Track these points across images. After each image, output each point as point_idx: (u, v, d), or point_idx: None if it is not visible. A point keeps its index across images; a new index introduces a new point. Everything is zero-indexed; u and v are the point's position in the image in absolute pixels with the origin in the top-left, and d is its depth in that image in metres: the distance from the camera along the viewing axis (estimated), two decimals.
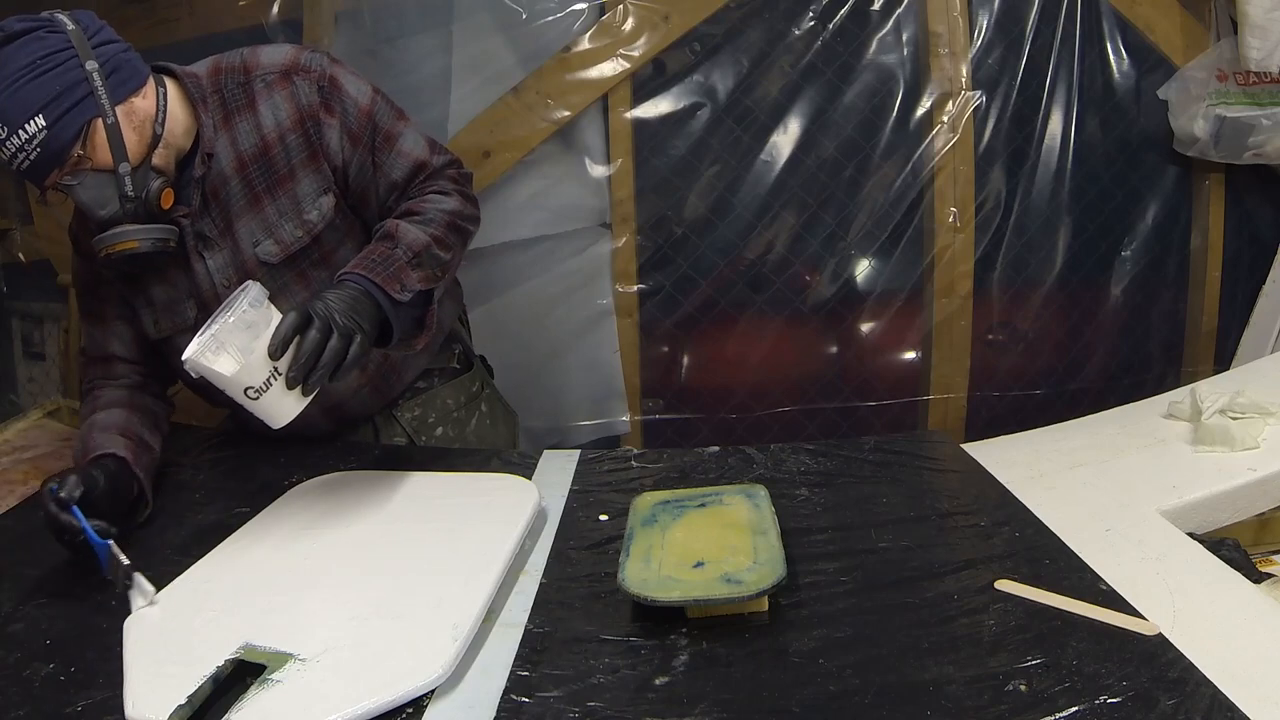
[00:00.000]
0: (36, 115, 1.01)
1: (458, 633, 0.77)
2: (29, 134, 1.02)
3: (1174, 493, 1.06)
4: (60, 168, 1.05)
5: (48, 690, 0.74)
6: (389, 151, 1.23)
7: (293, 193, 1.20)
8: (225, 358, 0.92)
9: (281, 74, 1.19)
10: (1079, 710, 0.65)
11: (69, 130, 1.04)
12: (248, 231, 1.20)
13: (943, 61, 2.00)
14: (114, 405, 1.21)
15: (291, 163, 1.19)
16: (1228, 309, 2.20)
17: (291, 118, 1.19)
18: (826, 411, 2.13)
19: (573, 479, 1.16)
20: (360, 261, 1.10)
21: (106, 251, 1.09)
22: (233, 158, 1.18)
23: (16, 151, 1.03)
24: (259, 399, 0.94)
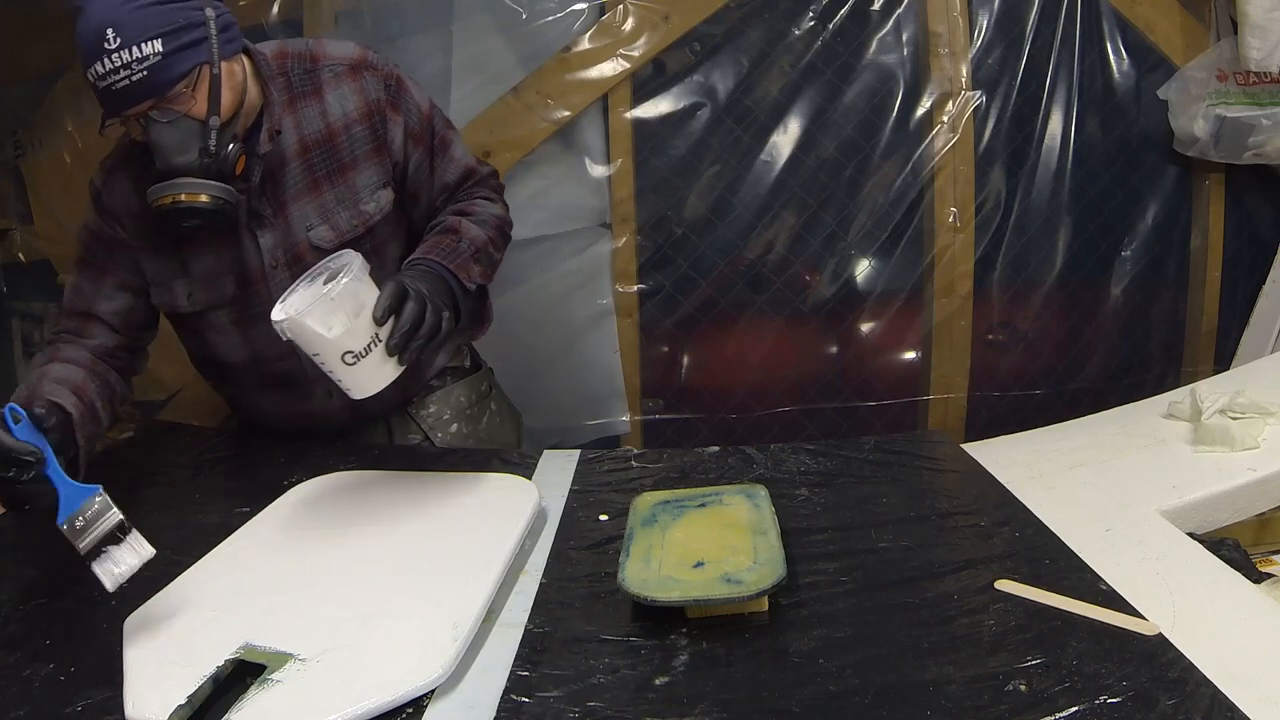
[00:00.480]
0: (155, 39, 1.00)
1: (458, 633, 0.77)
2: (141, 54, 1.00)
3: (1174, 493, 1.06)
4: (158, 100, 1.03)
5: (48, 690, 0.74)
6: (444, 155, 1.30)
7: (352, 182, 1.23)
8: (332, 320, 0.94)
9: (350, 67, 1.22)
10: (1079, 710, 0.65)
11: (181, 65, 1.03)
12: (302, 214, 1.21)
13: (943, 61, 2.00)
14: (73, 363, 1.14)
15: (355, 153, 1.22)
16: (1228, 309, 2.20)
17: (359, 110, 1.21)
18: (826, 411, 2.13)
19: (573, 479, 1.16)
20: (432, 249, 1.17)
21: (172, 200, 1.05)
22: (295, 140, 1.19)
23: (121, 67, 1.00)
24: (355, 364, 0.96)
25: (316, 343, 0.94)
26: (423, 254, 1.17)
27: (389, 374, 0.99)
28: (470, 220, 1.26)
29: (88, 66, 1.01)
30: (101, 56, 1.00)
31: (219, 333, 1.26)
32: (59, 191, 2.24)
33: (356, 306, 0.95)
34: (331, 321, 0.94)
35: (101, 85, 1.02)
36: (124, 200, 1.20)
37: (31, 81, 2.23)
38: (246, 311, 1.24)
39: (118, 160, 1.22)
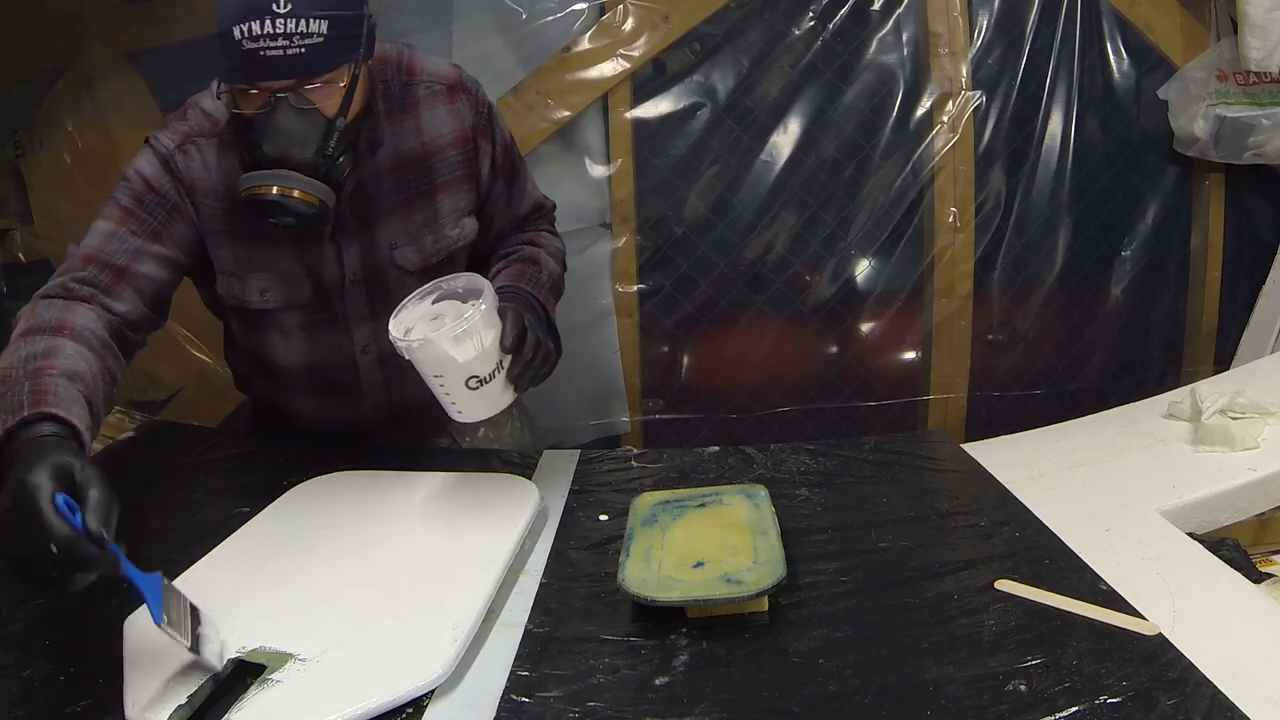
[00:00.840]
0: (324, 20, 0.95)
1: (458, 633, 0.77)
2: (307, 30, 0.94)
3: (1174, 493, 1.06)
4: (302, 82, 0.97)
5: (48, 690, 0.74)
6: (519, 188, 1.29)
7: (440, 206, 1.20)
8: (465, 345, 0.95)
9: (449, 88, 1.17)
10: (1079, 710, 0.65)
11: (337, 56, 0.98)
12: (388, 231, 1.17)
13: (943, 61, 2.00)
14: (87, 345, 0.95)
15: (446, 177, 1.19)
16: (1228, 309, 2.20)
17: (455, 133, 1.18)
18: (826, 411, 2.13)
19: (573, 479, 1.16)
20: (519, 278, 1.16)
21: (280, 193, 0.99)
22: (391, 155, 1.15)
23: (281, 35, 0.93)
24: (478, 389, 0.97)
25: (445, 365, 0.95)
26: (511, 281, 1.15)
27: (503, 402, 1.00)
28: (544, 252, 1.26)
29: (240, 21, 0.93)
30: (263, 16, 0.92)
31: (282, 334, 1.21)
32: (59, 191, 2.24)
33: (487, 333, 0.96)
34: (465, 346, 0.94)
35: (248, 46, 0.93)
36: (203, 175, 1.10)
37: (31, 81, 2.23)
38: (315, 317, 1.20)
39: (195, 128, 1.11)
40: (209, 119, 1.11)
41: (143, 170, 1.09)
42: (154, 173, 1.09)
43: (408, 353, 0.95)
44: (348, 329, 1.21)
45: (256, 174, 1.00)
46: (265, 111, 0.98)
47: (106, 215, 1.09)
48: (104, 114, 2.14)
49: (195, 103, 1.13)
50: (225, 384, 2.16)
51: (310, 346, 1.22)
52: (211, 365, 2.13)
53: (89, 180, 2.19)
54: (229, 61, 0.97)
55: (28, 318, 0.97)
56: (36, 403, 0.80)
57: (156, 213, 1.08)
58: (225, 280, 1.16)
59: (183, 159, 1.09)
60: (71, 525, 0.67)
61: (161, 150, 1.10)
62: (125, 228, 1.07)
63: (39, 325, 0.95)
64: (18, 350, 0.90)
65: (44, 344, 0.91)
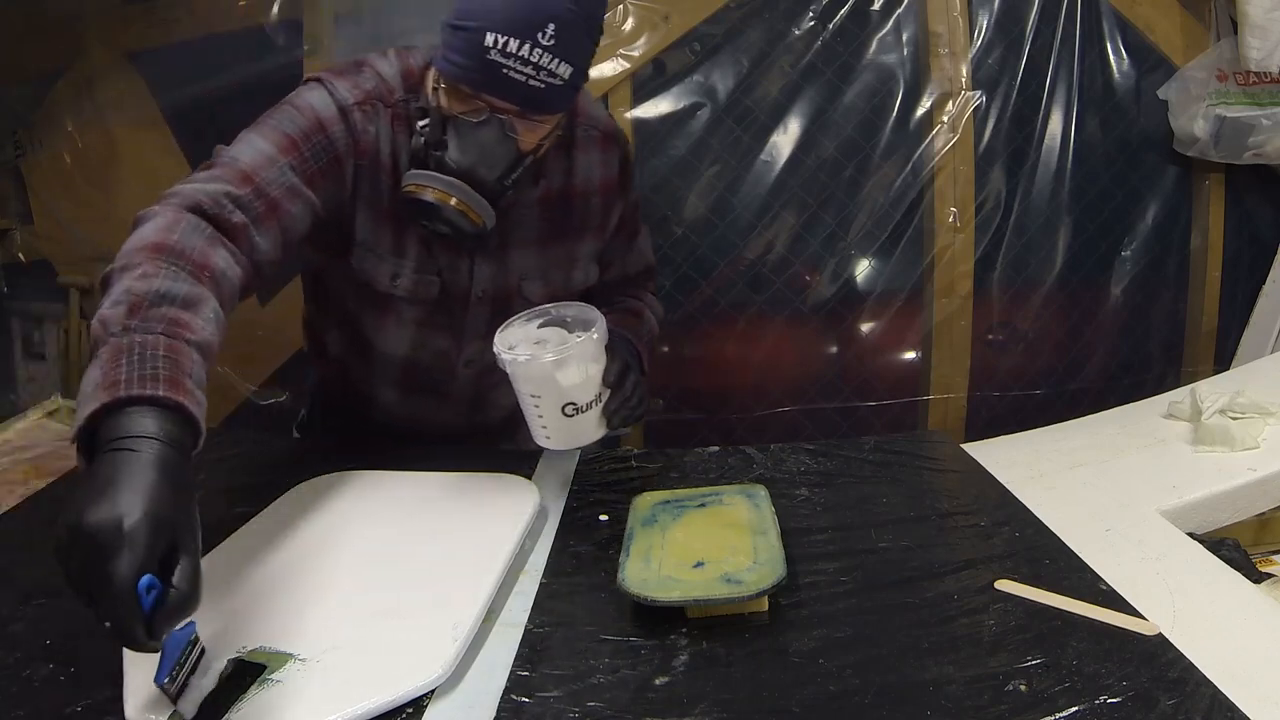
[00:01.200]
0: (571, 67, 0.95)
1: (458, 633, 0.77)
2: (555, 70, 0.93)
3: (1174, 493, 1.06)
4: (527, 113, 0.97)
5: (48, 690, 0.73)
6: (636, 247, 1.30)
7: (574, 249, 1.19)
8: (571, 370, 0.95)
9: (605, 135, 1.17)
10: (1079, 710, 0.65)
11: (564, 102, 0.99)
12: (521, 262, 1.16)
13: (943, 61, 2.00)
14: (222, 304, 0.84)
15: (586, 223, 1.19)
16: (1228, 309, 2.20)
17: (602, 182, 1.18)
18: (826, 411, 2.13)
19: (573, 479, 1.16)
20: (621, 324, 1.16)
21: (456, 204, 0.98)
22: (542, 189, 1.14)
23: (531, 65, 0.92)
24: (573, 417, 0.97)
25: (547, 387, 0.95)
26: (615, 325, 1.13)
27: (593, 434, 1.00)
28: (648, 310, 1.28)
29: (500, 31, 0.91)
30: (525, 40, 0.91)
31: (397, 323, 1.18)
32: (59, 191, 2.24)
33: (592, 364, 0.97)
34: (571, 372, 0.95)
35: (495, 58, 0.92)
36: (372, 142, 1.05)
37: (31, 81, 2.23)
38: (434, 318, 1.18)
39: (374, 92, 1.05)
40: (385, 85, 1.06)
41: (317, 107, 1.02)
42: (328, 116, 1.02)
43: (511, 367, 0.95)
44: (459, 340, 1.21)
45: (430, 175, 0.98)
46: (474, 121, 0.97)
47: (265, 135, 0.98)
48: (104, 114, 2.15)
49: (369, 63, 1.07)
50: (225, 384, 2.17)
51: (418, 343, 1.21)
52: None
53: (89, 180, 2.19)
54: (462, 60, 0.94)
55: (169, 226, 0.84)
56: (173, 384, 0.69)
57: (320, 156, 1.01)
58: (361, 253, 1.11)
59: (361, 118, 1.03)
60: (140, 609, 0.59)
61: (341, 100, 1.03)
62: (287, 158, 0.98)
63: (183, 250, 0.82)
64: (155, 276, 0.78)
65: (188, 288, 0.79)
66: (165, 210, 0.87)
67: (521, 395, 0.98)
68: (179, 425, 0.68)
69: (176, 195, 0.89)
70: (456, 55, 0.94)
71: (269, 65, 2.02)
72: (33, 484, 1.32)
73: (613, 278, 1.30)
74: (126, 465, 0.63)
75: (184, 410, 0.69)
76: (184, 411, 0.69)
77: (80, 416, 0.67)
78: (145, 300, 0.75)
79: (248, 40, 2.03)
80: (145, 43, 2.11)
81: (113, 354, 0.70)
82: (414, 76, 1.07)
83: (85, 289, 2.29)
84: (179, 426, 0.68)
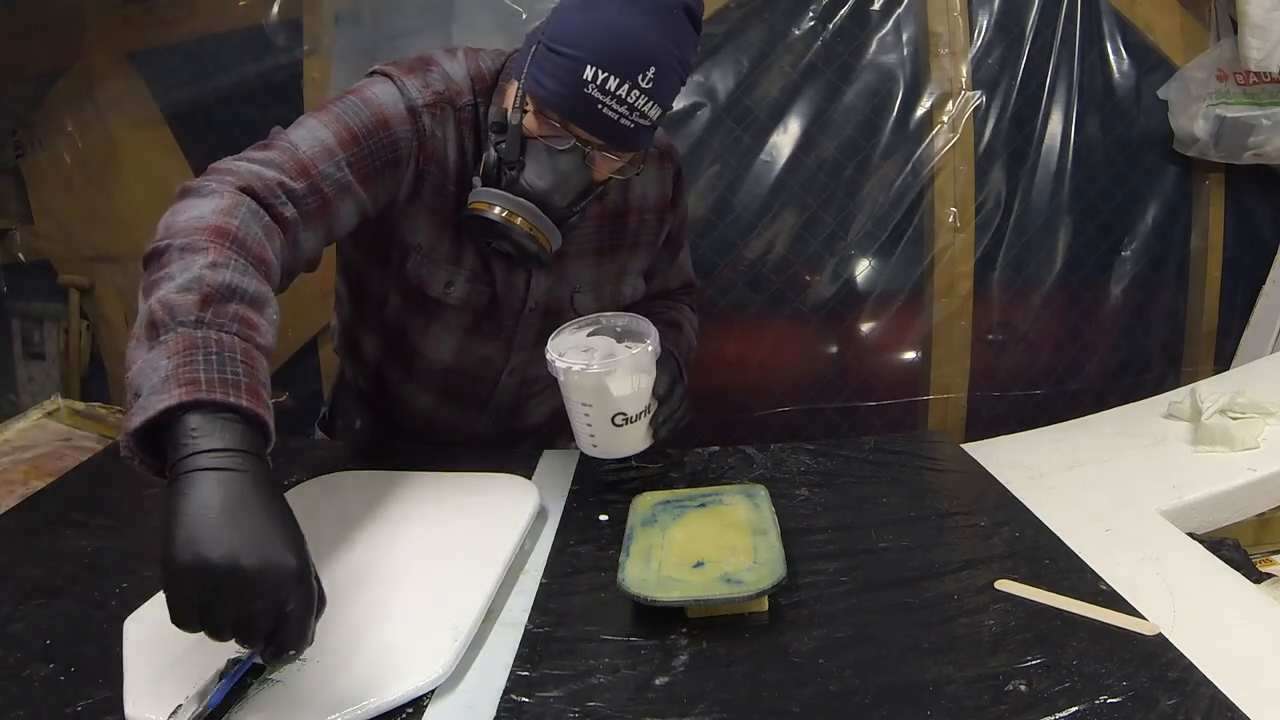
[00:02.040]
0: (661, 110, 0.95)
1: (458, 633, 0.77)
2: (646, 112, 0.93)
3: (1174, 493, 1.06)
4: (609, 149, 0.97)
5: (48, 690, 0.74)
6: (678, 262, 1.30)
7: (626, 264, 1.20)
8: (624, 381, 0.96)
9: (660, 152, 1.17)
10: (1079, 710, 0.65)
11: (646, 141, 0.99)
12: (575, 276, 1.16)
13: (943, 61, 2.00)
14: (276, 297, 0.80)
15: (638, 239, 1.19)
16: (1228, 309, 2.20)
17: (656, 199, 1.18)
18: (826, 411, 2.13)
19: (573, 479, 1.16)
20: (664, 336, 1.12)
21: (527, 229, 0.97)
22: (598, 204, 1.14)
23: (627, 105, 0.92)
24: (622, 427, 0.99)
25: (600, 396, 0.96)
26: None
27: (638, 445, 1.02)
28: (687, 323, 1.29)
29: (602, 67, 0.90)
30: (625, 80, 0.91)
31: (444, 328, 1.16)
32: (59, 191, 2.24)
33: (644, 376, 0.98)
34: (624, 383, 0.96)
35: (591, 92, 0.91)
36: (440, 145, 1.02)
37: (31, 81, 2.23)
38: (483, 327, 1.17)
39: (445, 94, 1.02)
40: (454, 87, 1.03)
41: (383, 103, 0.98)
42: (395, 113, 0.98)
43: (565, 375, 0.95)
44: (507, 349, 1.20)
45: (506, 196, 0.97)
46: (558, 149, 0.96)
47: (329, 125, 0.94)
48: (104, 114, 2.15)
49: (437, 61, 1.04)
50: None
51: (463, 350, 1.19)
52: None
53: (89, 180, 2.19)
54: (556, 86, 0.93)
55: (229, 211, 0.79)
56: (254, 395, 0.67)
57: (379, 155, 0.97)
58: (418, 259, 1.08)
59: (430, 120, 1.00)
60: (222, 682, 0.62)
61: (411, 99, 0.99)
62: (346, 152, 0.94)
63: (248, 239, 0.78)
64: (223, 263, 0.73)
65: (254, 285, 0.75)
66: (222, 189, 0.81)
67: (572, 404, 0.99)
68: (263, 440, 0.66)
69: (231, 174, 0.84)
70: (551, 80, 0.93)
71: (269, 65, 2.01)
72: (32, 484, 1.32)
73: (653, 291, 1.31)
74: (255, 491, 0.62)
75: (264, 425, 0.67)
76: (263, 426, 0.67)
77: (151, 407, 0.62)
78: (218, 293, 0.71)
79: (248, 40, 2.03)
80: (145, 43, 2.11)
81: (186, 346, 0.66)
82: (484, 80, 1.05)
83: (85, 289, 2.29)
84: (263, 441, 0.66)
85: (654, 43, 0.91)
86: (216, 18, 2.05)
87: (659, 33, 0.91)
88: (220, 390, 0.64)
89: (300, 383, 2.15)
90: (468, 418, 1.29)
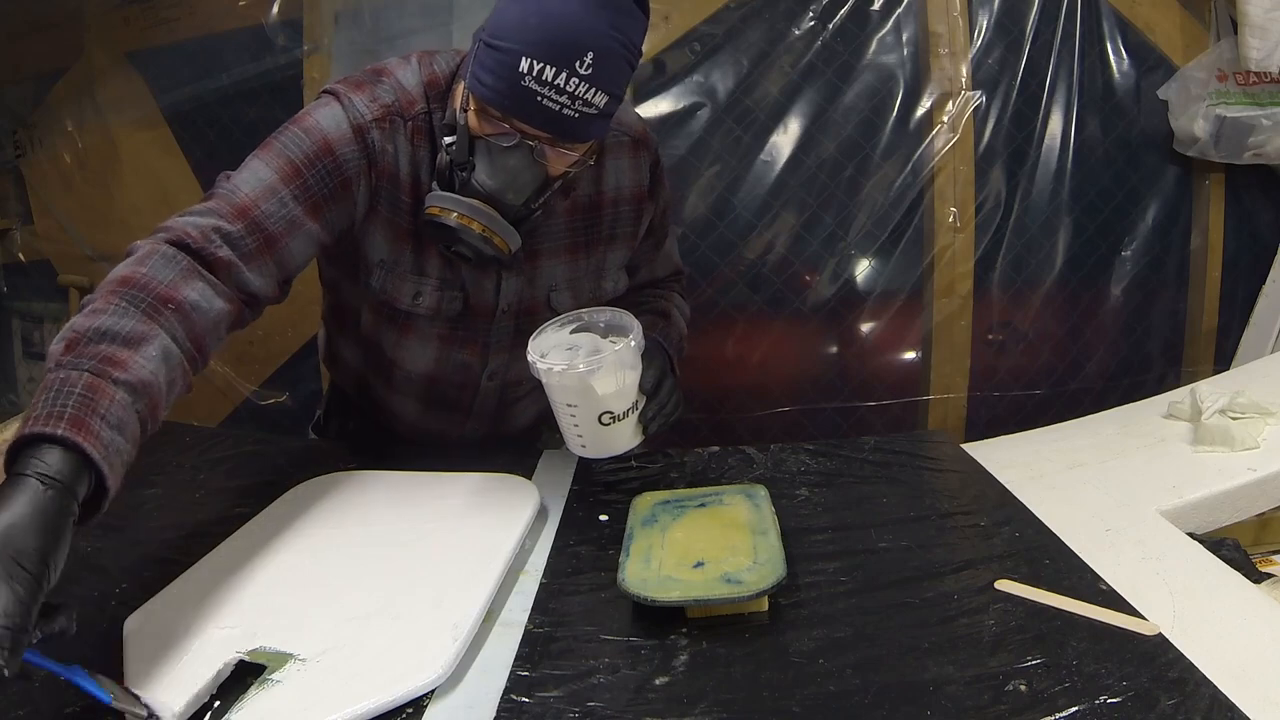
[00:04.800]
0: (608, 97, 0.92)
1: (458, 633, 0.77)
2: (590, 100, 0.91)
3: (1174, 493, 1.06)
4: (558, 141, 0.95)
5: (48, 690, 0.74)
6: (664, 251, 1.29)
7: (604, 258, 1.18)
8: (608, 379, 0.94)
9: (635, 141, 1.15)
10: (1079, 710, 0.65)
11: (598, 131, 0.96)
12: (549, 273, 1.14)
13: (943, 61, 2.00)
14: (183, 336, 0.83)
15: (614, 231, 1.17)
16: (1228, 309, 2.20)
17: (631, 190, 1.16)
18: (826, 411, 2.13)
19: (573, 479, 1.16)
20: (650, 327, 1.12)
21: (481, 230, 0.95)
22: (568, 198, 1.12)
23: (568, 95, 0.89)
24: (610, 425, 0.97)
25: (584, 396, 0.94)
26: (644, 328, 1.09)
27: (628, 442, 1.00)
28: (675, 310, 1.27)
29: (536, 58, 0.88)
30: (563, 70, 0.88)
31: (419, 339, 1.16)
32: (59, 191, 2.24)
33: (629, 372, 0.96)
34: (607, 381, 0.94)
35: (529, 84, 0.89)
36: (392, 159, 1.02)
37: (31, 81, 2.23)
38: (457, 333, 1.16)
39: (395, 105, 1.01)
40: (406, 96, 1.02)
41: (326, 127, 0.98)
42: (339, 136, 0.98)
43: (546, 377, 0.94)
44: (483, 354, 1.19)
45: (459, 200, 0.96)
46: (504, 145, 0.94)
47: (269, 162, 0.96)
48: (104, 114, 2.15)
49: (390, 71, 1.04)
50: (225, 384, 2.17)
51: (440, 359, 1.19)
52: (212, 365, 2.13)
53: (89, 180, 2.19)
54: (495, 83, 0.91)
55: (138, 260, 0.84)
56: (76, 423, 0.69)
57: (326, 182, 0.98)
58: (381, 275, 1.09)
59: (379, 135, 1.00)
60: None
61: (357, 117, 0.99)
62: (288, 188, 0.95)
63: (149, 283, 0.82)
64: (103, 311, 0.78)
65: (131, 325, 0.79)
66: (147, 243, 0.87)
67: (557, 405, 0.98)
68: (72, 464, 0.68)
69: (165, 229, 0.89)
70: (489, 76, 0.92)
71: (269, 65, 2.01)
72: None
73: (640, 282, 1.29)
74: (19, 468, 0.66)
75: (79, 449, 0.68)
76: (79, 450, 0.68)
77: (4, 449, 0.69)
78: (83, 337, 0.76)
79: (248, 40, 2.03)
80: (145, 43, 2.11)
81: (42, 390, 0.72)
82: (439, 85, 1.04)
83: (85, 289, 2.29)
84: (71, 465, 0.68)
85: (590, 28, 0.88)
86: (216, 18, 2.05)
87: (595, 17, 0.89)
88: (41, 424, 0.69)
89: (300, 383, 2.15)
90: (453, 424, 1.29)
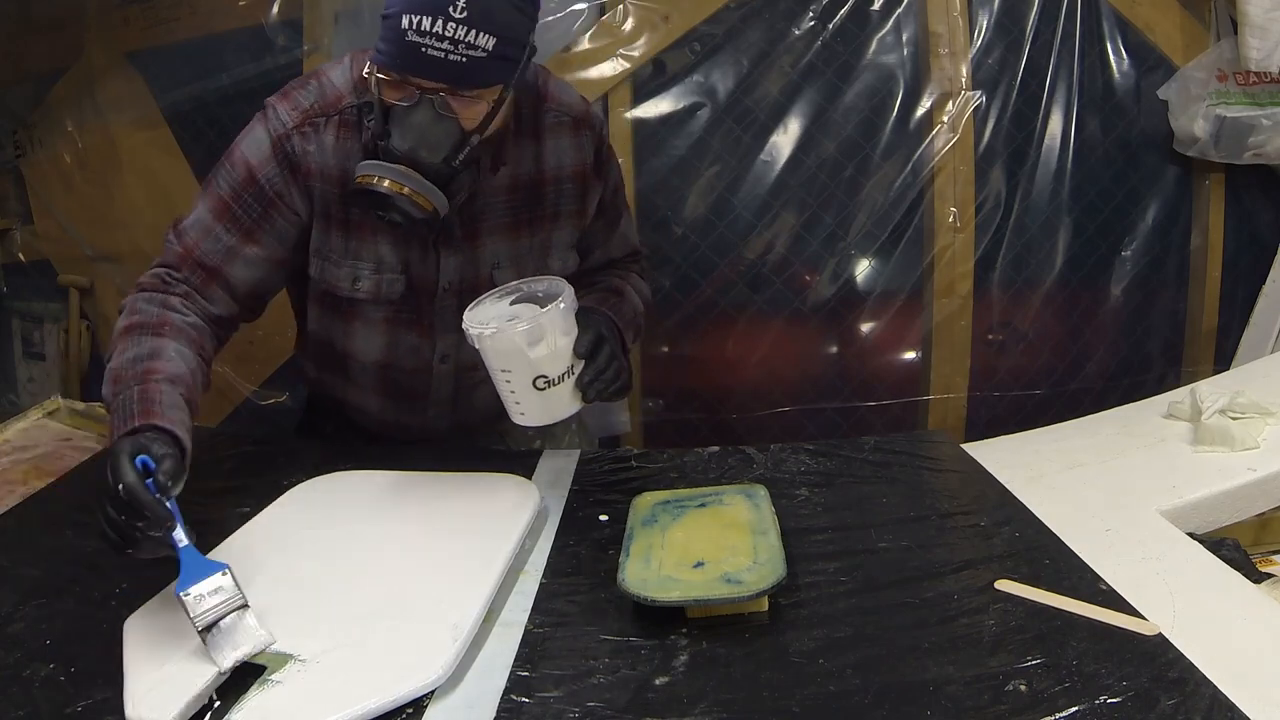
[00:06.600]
0: (493, 36, 0.94)
1: (458, 633, 0.77)
2: (474, 41, 0.93)
3: (1174, 493, 1.06)
4: (453, 89, 0.97)
5: (48, 690, 0.74)
6: (618, 231, 1.29)
7: (548, 236, 1.20)
8: (538, 341, 0.94)
9: (576, 120, 1.17)
10: (1079, 710, 0.65)
11: (494, 74, 0.98)
12: (492, 251, 1.16)
13: (943, 61, 2.00)
14: (189, 340, 1.02)
15: (559, 209, 1.19)
16: (1228, 309, 2.20)
17: (574, 168, 1.18)
18: (826, 411, 2.13)
19: (573, 479, 1.16)
20: (600, 302, 1.15)
21: (400, 191, 0.98)
22: (509, 176, 1.14)
23: (448, 39, 0.92)
24: (544, 391, 0.96)
25: (515, 360, 0.94)
26: (593, 304, 1.13)
27: (567, 409, 0.99)
28: (630, 288, 1.27)
29: (412, 11, 0.92)
30: (436, 15, 0.91)
31: (366, 325, 1.19)
32: (59, 191, 2.24)
33: (561, 335, 0.96)
34: (537, 343, 0.94)
35: (412, 38, 0.92)
36: (318, 158, 1.08)
37: (31, 81, 2.23)
38: (401, 316, 1.19)
39: (317, 105, 1.08)
40: (333, 94, 1.09)
41: (248, 155, 1.08)
42: (259, 159, 1.07)
43: (478, 342, 0.94)
44: (431, 335, 1.20)
45: (377, 165, 0.99)
46: (406, 105, 0.98)
47: (206, 201, 1.09)
48: (104, 114, 2.15)
49: (323, 72, 1.11)
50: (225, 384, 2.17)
51: (389, 344, 1.21)
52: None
53: (89, 180, 2.19)
54: (386, 46, 0.96)
55: (130, 313, 1.03)
56: (145, 413, 0.89)
57: (253, 208, 1.08)
58: (318, 265, 1.15)
59: (300, 141, 1.07)
60: (138, 473, 0.81)
61: (276, 130, 1.07)
62: (221, 224, 1.08)
63: (143, 323, 1.02)
64: (126, 349, 0.98)
65: (149, 345, 0.99)
66: (129, 300, 1.06)
67: (493, 371, 0.97)
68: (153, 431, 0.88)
69: (138, 285, 1.08)
70: (383, 43, 0.96)
71: (269, 65, 2.02)
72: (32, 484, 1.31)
73: (596, 263, 1.30)
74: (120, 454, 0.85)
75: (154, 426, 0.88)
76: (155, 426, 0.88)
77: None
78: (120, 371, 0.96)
79: (248, 40, 2.03)
80: (145, 43, 2.11)
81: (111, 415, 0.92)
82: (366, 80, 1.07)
83: (85, 289, 2.29)
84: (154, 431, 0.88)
85: None
86: (216, 18, 2.05)
87: None
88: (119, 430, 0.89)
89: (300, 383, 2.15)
90: (415, 413, 1.30)
